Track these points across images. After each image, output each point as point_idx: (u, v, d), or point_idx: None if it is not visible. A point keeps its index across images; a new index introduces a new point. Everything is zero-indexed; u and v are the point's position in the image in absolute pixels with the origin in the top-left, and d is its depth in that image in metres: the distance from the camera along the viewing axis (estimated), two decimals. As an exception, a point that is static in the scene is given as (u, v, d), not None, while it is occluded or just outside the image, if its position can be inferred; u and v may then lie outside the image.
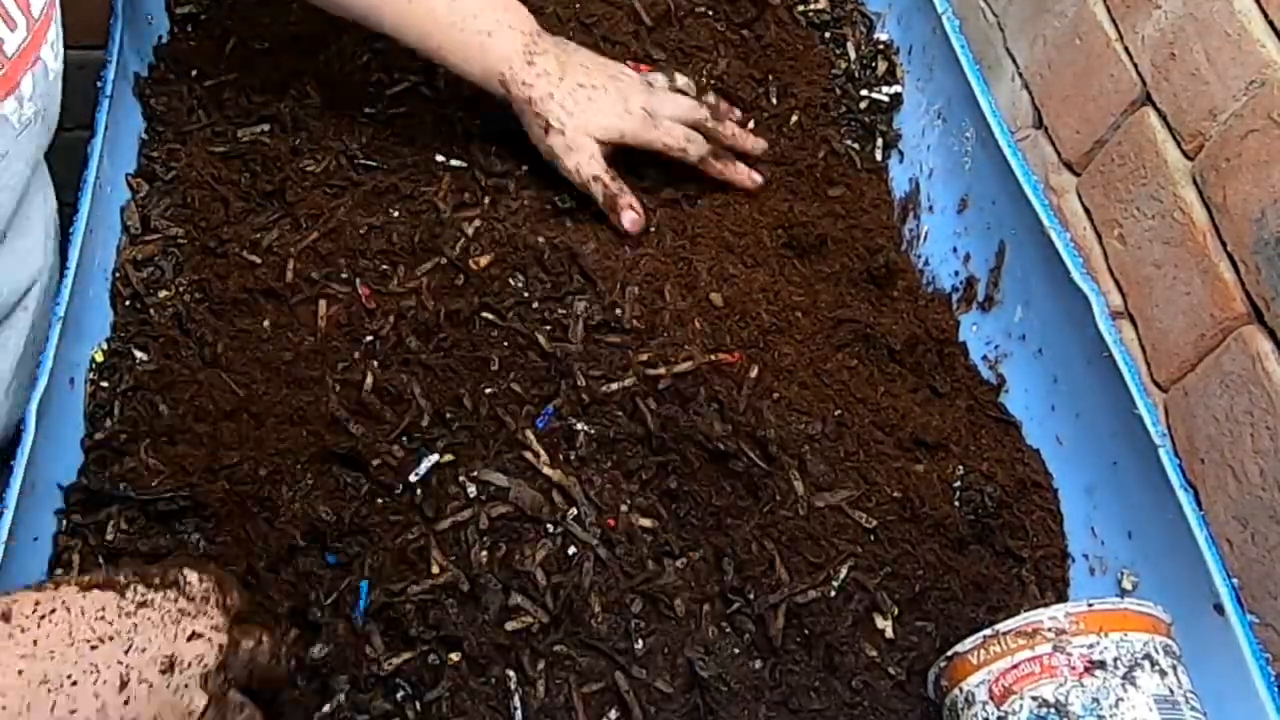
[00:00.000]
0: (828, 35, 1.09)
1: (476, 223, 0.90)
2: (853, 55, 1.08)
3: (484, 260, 0.89)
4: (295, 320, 0.86)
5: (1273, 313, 0.72)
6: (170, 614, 0.56)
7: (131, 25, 0.96)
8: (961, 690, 0.69)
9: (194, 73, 0.98)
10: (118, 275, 0.88)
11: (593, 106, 0.91)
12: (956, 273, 0.97)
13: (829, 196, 0.99)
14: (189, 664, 0.55)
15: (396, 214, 0.91)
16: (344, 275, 0.88)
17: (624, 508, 0.78)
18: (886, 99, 1.06)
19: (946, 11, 1.00)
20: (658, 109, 0.93)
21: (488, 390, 0.83)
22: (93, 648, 0.52)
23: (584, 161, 0.91)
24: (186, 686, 0.55)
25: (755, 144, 0.98)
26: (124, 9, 0.95)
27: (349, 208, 0.91)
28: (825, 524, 0.79)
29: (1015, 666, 0.66)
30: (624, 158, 0.94)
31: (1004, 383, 0.91)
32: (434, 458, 0.79)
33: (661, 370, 0.83)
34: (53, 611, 0.52)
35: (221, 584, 0.61)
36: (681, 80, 0.98)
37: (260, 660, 0.60)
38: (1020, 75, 1.00)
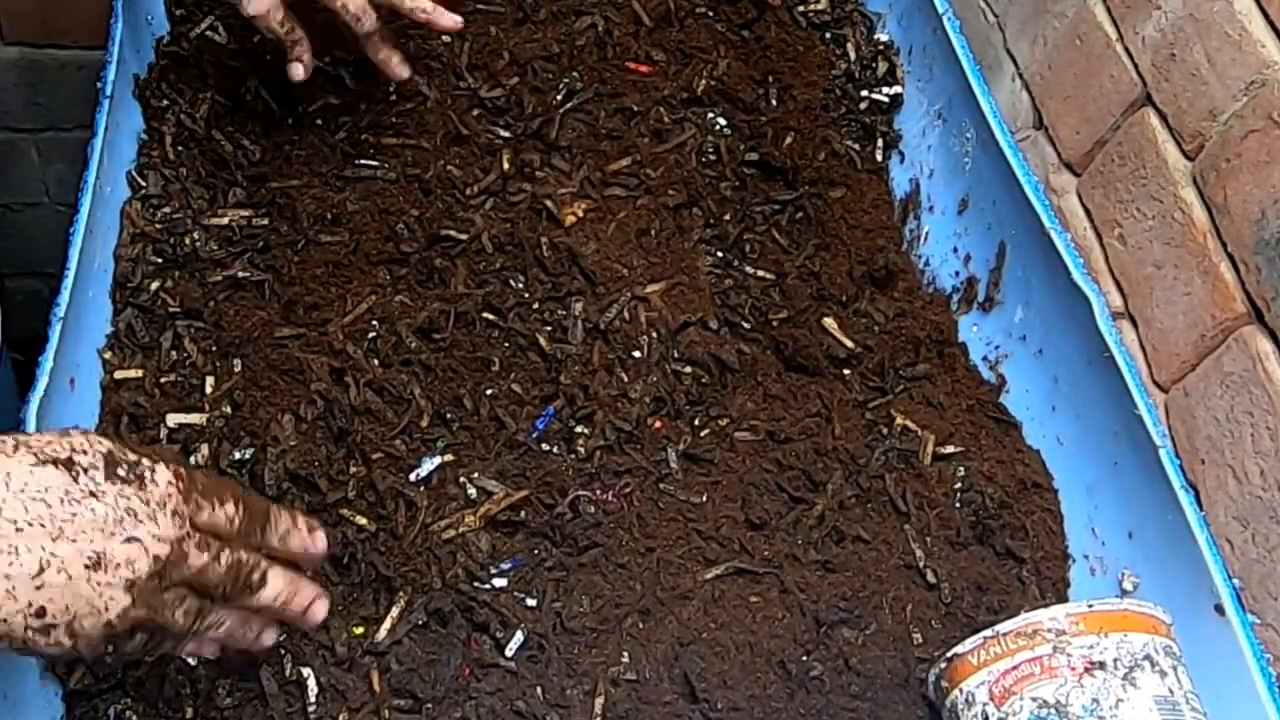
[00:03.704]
0: (828, 36, 1.09)
1: (478, 222, 0.90)
2: (853, 56, 1.08)
3: (485, 260, 0.89)
4: (295, 319, 0.86)
5: (1273, 313, 0.72)
6: (114, 512, 0.54)
7: (131, 25, 0.96)
8: (962, 691, 0.69)
9: (194, 73, 0.98)
10: (117, 275, 0.88)
11: None
12: (957, 273, 0.97)
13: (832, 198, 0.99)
14: (117, 565, 0.53)
15: (398, 212, 0.91)
16: (345, 274, 0.88)
17: None
18: (887, 100, 1.06)
19: (946, 12, 1.00)
20: None
21: (488, 391, 0.83)
22: (18, 530, 0.51)
23: (261, 6, 0.86)
24: (110, 585, 0.53)
25: (449, 19, 0.91)
26: (124, 9, 0.94)
27: (350, 207, 0.91)
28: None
29: (1015, 667, 0.66)
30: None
31: (1004, 383, 0.91)
32: (437, 459, 0.79)
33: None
34: None
35: (193, 492, 0.58)
36: None
37: (211, 578, 0.57)
38: (1020, 75, 1.00)
